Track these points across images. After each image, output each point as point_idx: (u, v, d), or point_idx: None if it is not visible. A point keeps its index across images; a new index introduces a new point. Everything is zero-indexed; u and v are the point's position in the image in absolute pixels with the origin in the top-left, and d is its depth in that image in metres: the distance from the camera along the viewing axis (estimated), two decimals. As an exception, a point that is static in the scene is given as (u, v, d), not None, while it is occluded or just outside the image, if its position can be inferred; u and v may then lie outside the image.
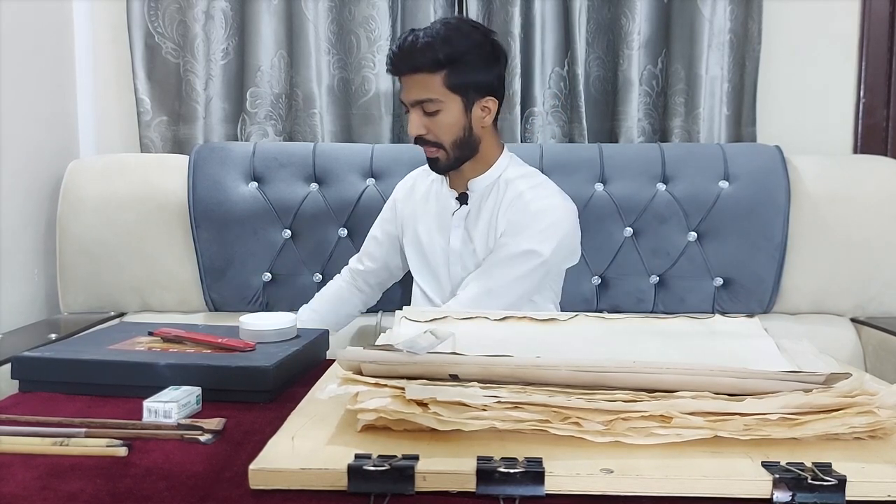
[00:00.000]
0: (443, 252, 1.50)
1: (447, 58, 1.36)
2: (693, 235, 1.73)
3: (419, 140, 1.42)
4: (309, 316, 1.59)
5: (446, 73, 1.37)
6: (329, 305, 1.62)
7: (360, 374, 0.71)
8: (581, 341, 0.96)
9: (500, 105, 1.45)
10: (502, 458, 0.61)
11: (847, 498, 0.59)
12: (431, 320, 1.01)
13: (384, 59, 1.85)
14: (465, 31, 1.40)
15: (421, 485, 0.60)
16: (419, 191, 1.56)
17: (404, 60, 1.39)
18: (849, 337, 1.74)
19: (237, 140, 1.90)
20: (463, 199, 1.48)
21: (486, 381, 0.70)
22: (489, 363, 0.70)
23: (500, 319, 1.02)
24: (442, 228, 1.51)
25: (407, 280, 1.61)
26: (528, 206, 1.42)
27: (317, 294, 1.65)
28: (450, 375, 0.71)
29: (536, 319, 1.02)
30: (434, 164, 1.45)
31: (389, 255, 1.61)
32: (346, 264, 1.66)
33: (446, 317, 1.02)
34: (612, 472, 0.61)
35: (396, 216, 1.59)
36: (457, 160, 1.43)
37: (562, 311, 1.51)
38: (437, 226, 1.51)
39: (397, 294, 1.69)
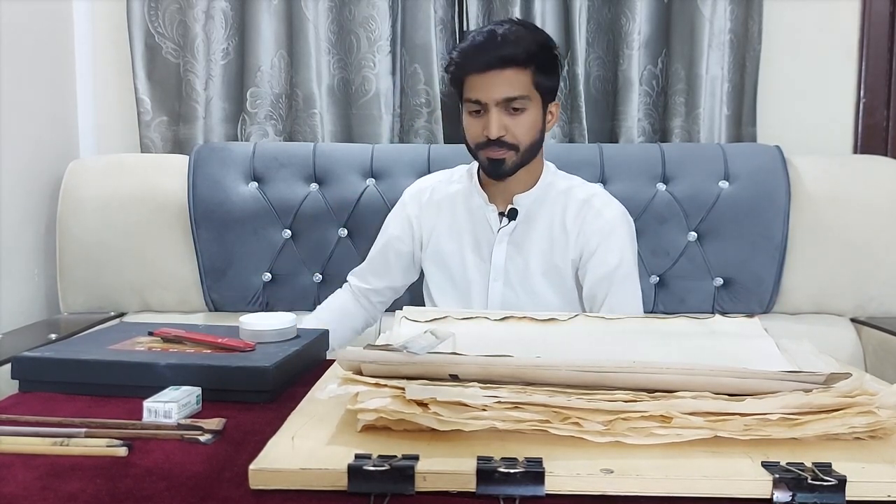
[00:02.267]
0: (477, 269, 1.43)
1: (541, 51, 1.31)
2: (693, 235, 1.73)
3: (491, 142, 1.31)
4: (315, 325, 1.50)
5: (534, 69, 1.30)
6: (336, 317, 1.49)
7: (360, 374, 0.71)
8: (581, 341, 0.97)
9: None
10: (502, 458, 0.61)
11: (847, 498, 0.59)
12: (431, 320, 1.01)
13: (384, 59, 1.86)
14: (540, 30, 1.38)
15: (421, 485, 0.60)
16: (439, 204, 1.47)
17: (493, 52, 1.28)
18: (849, 337, 1.74)
19: (237, 140, 1.90)
20: (512, 215, 1.40)
21: (486, 381, 0.70)
22: (489, 363, 0.70)
23: (500, 319, 1.02)
24: (479, 245, 1.43)
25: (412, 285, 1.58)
26: (601, 214, 1.40)
27: (320, 306, 1.56)
28: (450, 375, 0.71)
29: (536, 319, 1.02)
30: (499, 167, 1.34)
31: (400, 274, 1.52)
32: (346, 265, 1.64)
33: (446, 317, 1.02)
34: (612, 472, 0.61)
35: (413, 234, 1.49)
36: (522, 164, 1.35)
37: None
38: (473, 242, 1.43)
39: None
